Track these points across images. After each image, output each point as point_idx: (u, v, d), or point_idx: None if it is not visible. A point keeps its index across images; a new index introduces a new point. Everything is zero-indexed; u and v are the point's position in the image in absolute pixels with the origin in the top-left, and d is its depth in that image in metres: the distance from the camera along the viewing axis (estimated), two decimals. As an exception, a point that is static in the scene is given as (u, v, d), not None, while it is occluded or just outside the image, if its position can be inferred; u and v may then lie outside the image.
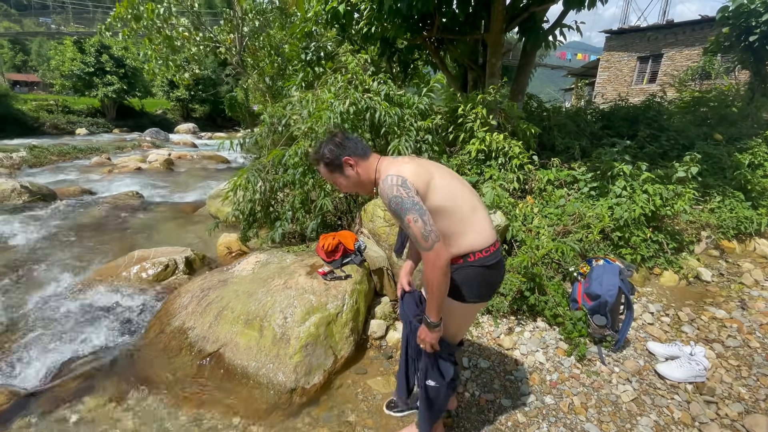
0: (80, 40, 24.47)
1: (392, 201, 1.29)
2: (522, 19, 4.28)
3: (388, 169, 1.38)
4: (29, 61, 49.48)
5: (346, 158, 1.44)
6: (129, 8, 8.65)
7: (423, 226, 1.26)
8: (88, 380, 2.26)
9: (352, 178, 1.47)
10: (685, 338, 2.58)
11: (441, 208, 1.35)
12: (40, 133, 20.65)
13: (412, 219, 1.26)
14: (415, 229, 1.27)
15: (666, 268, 3.17)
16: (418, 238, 1.27)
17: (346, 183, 1.49)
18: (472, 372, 2.28)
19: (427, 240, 1.27)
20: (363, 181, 1.47)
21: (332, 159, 1.45)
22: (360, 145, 1.47)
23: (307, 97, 3.61)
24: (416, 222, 1.26)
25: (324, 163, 1.47)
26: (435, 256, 1.27)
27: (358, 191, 1.55)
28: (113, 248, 4.28)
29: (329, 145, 1.46)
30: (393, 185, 1.30)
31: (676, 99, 6.42)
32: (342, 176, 1.48)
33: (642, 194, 3.09)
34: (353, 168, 1.45)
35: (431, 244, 1.27)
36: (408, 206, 1.27)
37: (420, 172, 1.35)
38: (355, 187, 1.51)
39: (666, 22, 14.54)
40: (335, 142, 1.46)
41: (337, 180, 1.50)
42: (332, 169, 1.47)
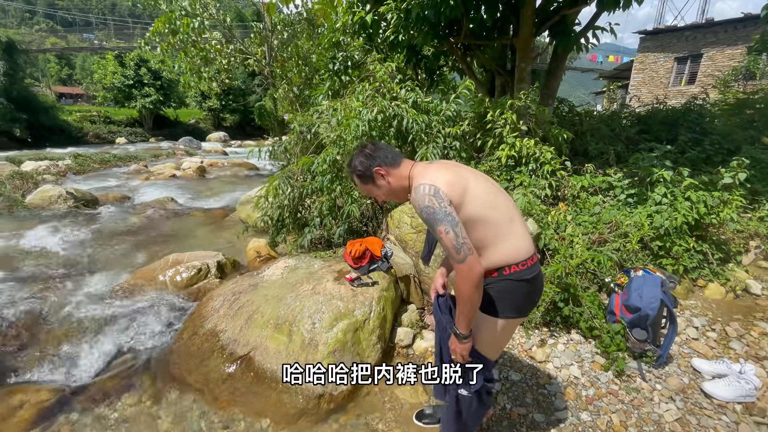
0: (121, 55, 25.98)
1: (424, 211, 1.28)
2: (552, 23, 4.19)
3: (421, 176, 1.35)
4: (74, 74, 52.93)
5: (376, 169, 1.44)
6: (167, 23, 9.11)
7: (455, 238, 1.24)
8: (126, 379, 2.36)
9: (385, 187, 1.47)
10: (733, 355, 2.41)
11: (477, 218, 1.31)
12: (84, 142, 21.98)
13: (443, 230, 1.24)
14: (447, 241, 1.24)
15: (711, 280, 2.98)
16: (450, 249, 1.25)
17: (380, 192, 1.50)
18: (503, 384, 2.22)
19: (459, 252, 1.24)
20: (396, 190, 1.47)
21: (363, 171, 1.46)
22: (391, 154, 1.47)
23: (335, 106, 3.67)
24: (448, 234, 1.24)
25: (356, 175, 1.49)
26: (467, 269, 1.24)
27: (394, 200, 1.55)
28: (150, 251, 4.46)
29: (359, 158, 1.48)
30: (425, 195, 1.27)
31: (718, 101, 6.09)
32: (375, 187, 1.49)
33: (684, 201, 2.93)
34: (384, 178, 1.45)
35: (464, 257, 1.24)
36: (440, 217, 1.25)
37: (455, 180, 1.31)
38: (389, 195, 1.51)
39: (705, 21, 13.89)
40: (365, 153, 1.47)
41: (371, 190, 1.52)
42: (365, 180, 1.49)
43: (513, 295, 1.38)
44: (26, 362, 2.53)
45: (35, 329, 2.89)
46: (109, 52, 27.48)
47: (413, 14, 3.69)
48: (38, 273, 3.79)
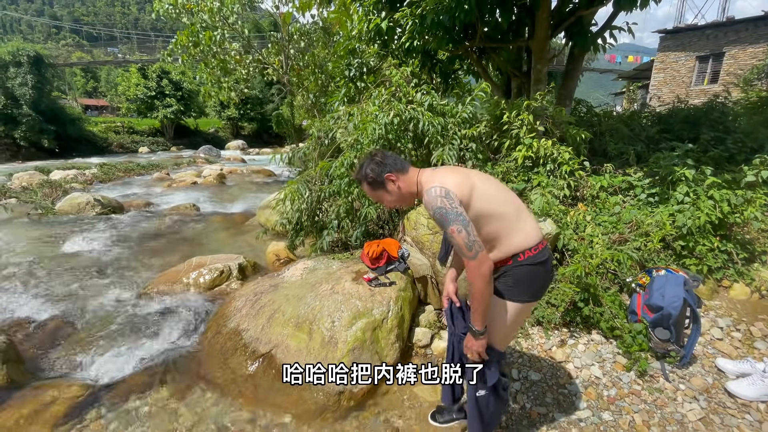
0: (144, 67, 26.94)
1: (436, 212, 1.34)
2: (568, 24, 4.18)
3: (430, 180, 1.42)
4: (99, 87, 55.09)
5: (387, 175, 1.49)
6: (189, 36, 9.43)
7: (467, 236, 1.31)
8: (153, 376, 2.44)
9: (395, 193, 1.52)
10: (758, 355, 2.35)
11: (487, 213, 1.40)
12: (109, 152, 22.82)
13: (456, 229, 1.31)
14: (459, 240, 1.31)
15: (736, 280, 2.90)
16: (462, 247, 1.32)
17: (390, 198, 1.55)
18: (523, 384, 2.21)
19: (471, 249, 1.31)
20: (405, 195, 1.52)
21: (375, 177, 1.51)
22: (399, 161, 1.53)
23: (352, 111, 3.74)
24: (460, 233, 1.31)
25: (367, 182, 1.54)
26: (478, 265, 1.31)
27: (401, 205, 1.60)
28: (174, 255, 4.60)
29: (370, 165, 1.52)
30: (437, 197, 1.34)
31: (741, 99, 5.93)
32: (385, 192, 1.53)
33: (707, 200, 2.87)
34: (395, 183, 1.50)
35: (475, 254, 1.31)
36: (452, 217, 1.32)
37: (462, 181, 1.39)
38: (398, 201, 1.56)
39: (726, 19, 13.54)
40: (375, 161, 1.52)
41: (381, 197, 1.56)
42: (375, 186, 1.53)
43: (530, 278, 1.45)
44: (59, 359, 2.65)
45: (67, 328, 3.03)
46: (132, 64, 28.54)
47: (428, 19, 3.75)
48: (69, 275, 3.97)
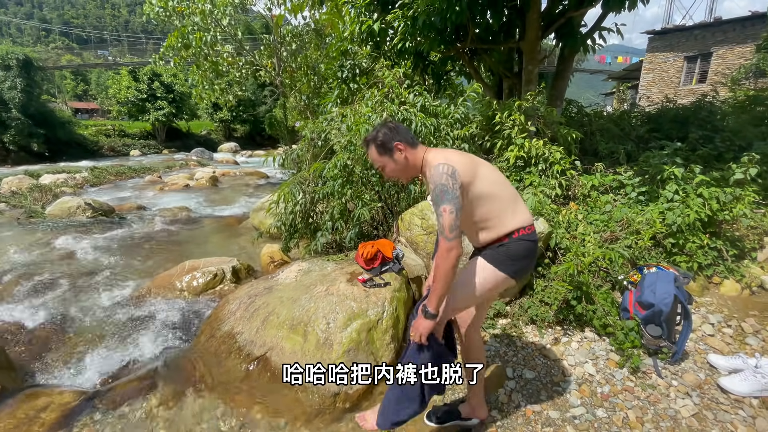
0: (134, 70, 26.71)
1: (438, 187, 1.39)
2: (558, 25, 4.23)
3: (437, 158, 1.47)
4: (89, 90, 54.55)
5: (397, 143, 1.54)
6: (180, 38, 9.38)
7: (454, 219, 1.37)
8: (146, 381, 2.41)
9: (400, 162, 1.56)
10: (749, 350, 2.38)
11: (488, 194, 1.49)
12: (99, 155, 22.56)
13: (447, 209, 1.37)
14: (446, 219, 1.37)
15: (726, 277, 2.95)
16: (445, 227, 1.38)
17: (393, 167, 1.58)
18: (517, 382, 2.22)
19: (452, 231, 1.38)
20: (408, 167, 1.57)
21: (384, 142, 1.55)
22: (410, 135, 1.58)
23: (345, 112, 3.74)
24: (450, 213, 1.37)
25: (376, 145, 1.57)
26: (451, 248, 1.38)
27: (401, 176, 1.63)
28: (167, 258, 4.57)
29: (383, 129, 1.56)
30: (443, 173, 1.40)
31: (729, 98, 6.03)
32: (391, 159, 1.57)
33: (696, 198, 2.92)
34: (402, 153, 1.55)
35: (454, 237, 1.38)
36: (449, 197, 1.38)
37: (467, 162, 1.47)
38: (400, 172, 1.60)
39: (713, 20, 13.77)
40: (389, 127, 1.57)
41: (385, 163, 1.59)
42: (383, 152, 1.57)
43: (522, 253, 1.53)
44: (51, 365, 2.62)
45: (59, 334, 2.99)
46: (123, 67, 28.28)
47: (420, 21, 3.77)
48: (61, 280, 3.92)
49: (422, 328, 1.50)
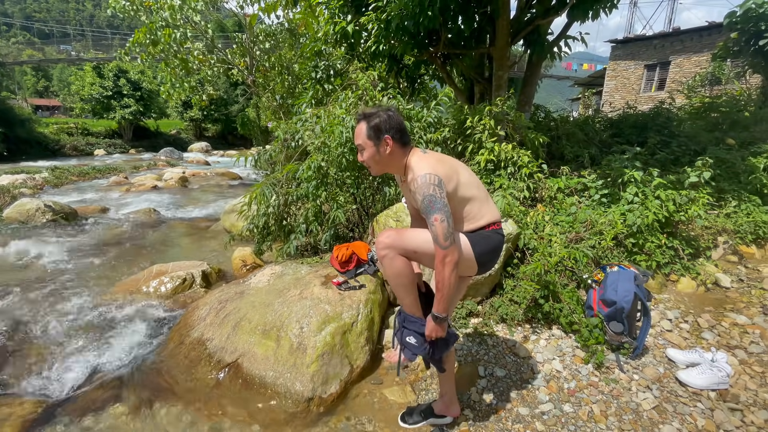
0: (99, 66, 25.55)
1: (426, 198, 1.41)
2: (527, 32, 4.36)
3: (421, 165, 1.48)
4: (51, 86, 51.76)
5: (387, 137, 1.51)
6: (147, 34, 9.04)
7: (447, 227, 1.39)
8: (111, 390, 2.32)
9: (382, 155, 1.54)
10: (705, 345, 2.53)
11: (469, 197, 1.56)
12: (61, 155, 21.42)
13: (439, 218, 1.39)
14: (440, 228, 1.39)
15: (683, 275, 3.12)
16: (439, 236, 1.39)
17: (372, 154, 1.55)
18: (488, 381, 2.27)
19: (447, 239, 1.40)
20: (388, 164, 1.57)
21: (378, 127, 1.51)
22: (405, 134, 1.56)
23: (319, 113, 3.72)
24: (442, 222, 1.39)
25: (368, 125, 1.52)
26: (449, 254, 1.41)
27: (375, 168, 1.61)
28: (133, 263, 4.39)
29: (384, 115, 1.52)
30: (430, 184, 1.42)
31: (685, 105, 6.40)
32: (374, 147, 1.53)
33: (654, 200, 3.08)
34: (388, 148, 1.52)
35: (449, 244, 1.40)
36: (439, 206, 1.40)
37: (450, 172, 1.50)
38: (376, 163, 1.58)
39: (672, 30, 14.57)
40: (389, 114, 1.52)
41: (366, 146, 1.55)
42: (371, 136, 1.52)
43: (490, 243, 1.60)
44: (9, 376, 2.48)
45: (17, 343, 2.83)
46: (87, 63, 27.00)
47: (393, 25, 3.79)
48: (18, 287, 3.70)
49: (438, 332, 1.56)
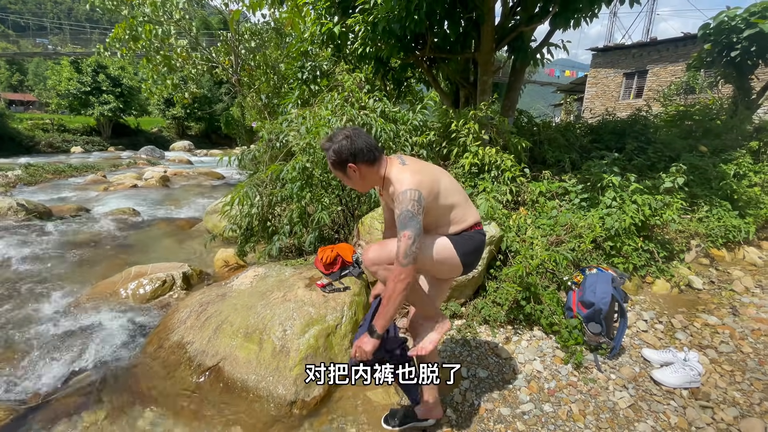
0: (77, 61, 24.78)
1: (403, 213, 1.42)
2: (511, 39, 4.44)
3: (402, 179, 1.48)
4: (26, 81, 49.90)
5: (350, 165, 1.52)
6: (127, 29, 8.82)
7: (411, 245, 1.39)
8: (86, 396, 2.25)
9: (354, 179, 1.57)
10: (678, 345, 2.62)
11: (452, 203, 1.59)
12: (35, 151, 20.69)
13: (407, 235, 1.40)
14: (403, 244, 1.40)
15: (658, 277, 3.23)
16: (401, 252, 1.40)
17: (348, 181, 1.61)
18: (471, 382, 2.30)
19: (407, 257, 1.40)
20: (365, 183, 1.60)
21: (337, 159, 1.52)
22: (369, 151, 1.51)
23: (304, 114, 3.70)
24: (409, 239, 1.39)
25: (330, 160, 1.56)
26: (404, 273, 1.41)
27: (358, 188, 1.65)
28: (110, 265, 4.27)
29: (341, 141, 1.50)
30: (411, 199, 1.43)
31: (661, 113, 6.62)
32: (344, 175, 1.57)
33: (631, 204, 3.17)
34: (356, 172, 1.54)
35: (408, 263, 1.40)
36: (412, 224, 1.40)
37: (431, 184, 1.51)
38: (355, 185, 1.62)
39: (650, 40, 15.06)
40: (347, 136, 1.51)
41: (340, 176, 1.61)
42: (336, 167, 1.56)
43: (473, 244, 1.63)
44: (-23, 382, 2.37)
45: (-15, 348, 2.71)
46: (64, 57, 26.14)
47: (379, 27, 3.81)
48: (-14, 289, 3.55)
49: (369, 347, 1.51)
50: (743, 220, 3.92)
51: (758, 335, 2.70)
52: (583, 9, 4.02)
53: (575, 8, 3.98)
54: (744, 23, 5.46)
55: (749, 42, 5.47)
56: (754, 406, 2.09)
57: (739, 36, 5.53)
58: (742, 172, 4.42)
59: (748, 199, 4.10)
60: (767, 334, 2.71)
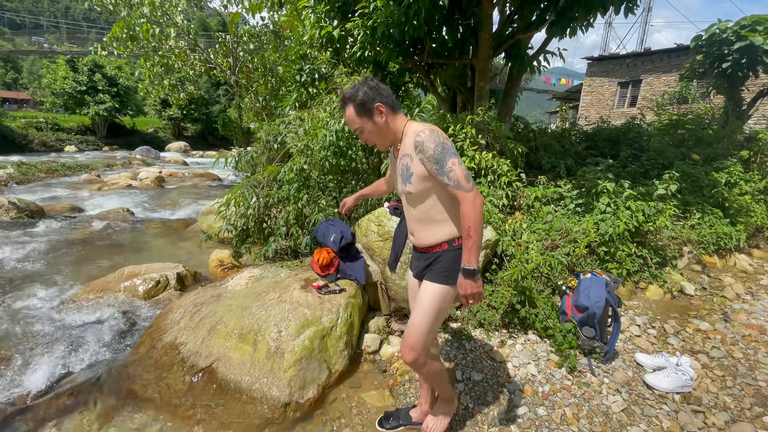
0: (73, 59, 24.64)
1: (438, 146, 1.35)
2: (508, 46, 4.49)
3: (426, 127, 1.41)
4: (20, 78, 49.52)
5: (378, 105, 1.43)
6: (125, 28, 8.80)
7: (465, 170, 1.37)
8: (77, 396, 2.22)
9: (380, 125, 1.46)
10: (671, 349, 2.64)
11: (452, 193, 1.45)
12: (29, 150, 20.51)
13: (456, 162, 1.36)
14: (459, 171, 1.35)
15: (651, 282, 3.26)
16: (460, 179, 1.35)
17: (371, 130, 1.47)
18: (466, 385, 2.30)
19: (469, 181, 1.36)
20: (387, 133, 1.48)
21: (365, 101, 1.42)
22: (393, 98, 1.47)
23: (302, 116, 3.71)
24: (461, 165, 1.36)
25: (355, 104, 1.44)
26: (475, 196, 1.36)
27: (379, 142, 1.53)
28: (103, 265, 4.23)
29: (364, 87, 1.43)
30: (439, 134, 1.38)
31: (655, 122, 6.71)
32: (370, 122, 1.46)
33: (625, 210, 3.21)
34: (383, 116, 1.45)
35: (472, 186, 1.36)
36: (453, 151, 1.37)
37: None
38: (378, 136, 1.50)
39: (644, 50, 15.28)
40: (370, 85, 1.44)
41: (363, 125, 1.48)
42: (362, 112, 1.45)
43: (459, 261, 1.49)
44: (-36, 383, 2.33)
45: (-26, 347, 2.67)
46: (60, 56, 26.00)
47: (379, 32, 3.83)
48: (-25, 288, 3.50)
49: (476, 289, 1.42)
50: (734, 227, 3.98)
51: (749, 341, 2.73)
52: (579, 18, 4.08)
53: (571, 17, 4.04)
54: (735, 36, 5.58)
55: (740, 54, 5.58)
56: (744, 411, 2.11)
57: (730, 48, 5.64)
58: (733, 181, 4.49)
59: (739, 207, 4.17)
60: (757, 340, 2.74)
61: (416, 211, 1.53)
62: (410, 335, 1.54)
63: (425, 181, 1.43)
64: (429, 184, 1.44)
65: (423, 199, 1.49)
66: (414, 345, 1.53)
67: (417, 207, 1.52)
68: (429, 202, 1.48)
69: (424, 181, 1.43)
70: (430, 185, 1.44)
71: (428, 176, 1.41)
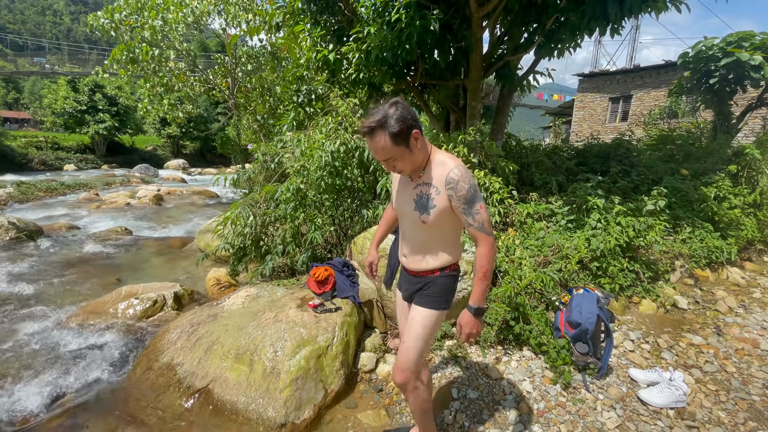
0: (74, 80, 24.98)
1: (471, 188, 1.36)
2: (498, 67, 4.64)
3: (456, 161, 1.39)
4: (21, 98, 50.09)
5: (415, 131, 1.29)
6: (125, 51, 9.00)
7: (488, 213, 1.41)
8: (72, 419, 2.22)
9: (416, 153, 1.34)
10: (664, 364, 2.66)
11: None
12: (28, 169, 20.60)
13: (483, 205, 1.40)
14: (485, 215, 1.39)
15: (644, 297, 3.29)
16: (485, 222, 1.39)
17: (407, 158, 1.34)
18: (461, 403, 2.31)
19: (491, 225, 1.41)
20: (416, 158, 1.36)
21: (402, 129, 1.25)
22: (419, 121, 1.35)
23: (299, 137, 3.80)
24: (486, 209, 1.41)
25: (390, 132, 1.25)
26: (494, 241, 1.42)
27: (406, 169, 1.39)
28: (101, 284, 4.24)
29: (398, 111, 1.25)
30: (470, 175, 1.38)
31: (644, 137, 6.85)
32: (407, 150, 1.31)
33: (616, 226, 3.27)
34: (418, 142, 1.33)
35: (491, 230, 1.41)
36: (480, 194, 1.41)
37: None
38: (410, 164, 1.37)
39: (633, 66, 15.64)
40: (403, 107, 1.27)
41: (398, 155, 1.32)
42: (399, 141, 1.28)
43: (451, 287, 1.59)
44: (-43, 406, 2.33)
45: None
46: (61, 76, 26.38)
47: (373, 55, 3.97)
48: (-28, 310, 3.50)
49: (477, 327, 1.46)
50: (725, 241, 4.04)
51: (742, 355, 2.76)
52: (566, 40, 4.23)
53: (558, 39, 4.19)
54: (721, 52, 5.75)
55: (727, 70, 5.75)
56: (738, 426, 2.12)
57: (717, 64, 5.81)
58: (722, 195, 4.57)
59: (729, 221, 4.23)
60: (750, 354, 2.77)
61: (421, 238, 1.53)
62: (402, 360, 1.58)
63: (445, 214, 1.42)
64: (446, 218, 1.44)
65: (434, 229, 1.48)
66: (405, 368, 1.57)
67: (424, 235, 1.51)
68: (439, 233, 1.50)
69: (443, 214, 1.42)
70: (446, 218, 1.44)
71: (450, 211, 1.41)
